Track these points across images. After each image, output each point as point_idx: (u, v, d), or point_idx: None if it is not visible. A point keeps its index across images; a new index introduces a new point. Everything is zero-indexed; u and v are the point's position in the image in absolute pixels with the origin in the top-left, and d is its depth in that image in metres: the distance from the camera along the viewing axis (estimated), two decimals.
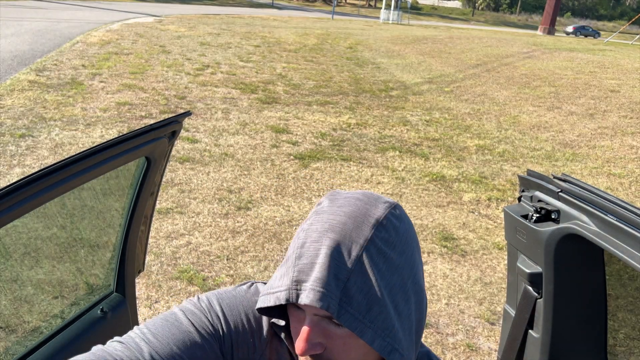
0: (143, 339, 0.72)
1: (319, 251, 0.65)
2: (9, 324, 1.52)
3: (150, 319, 0.77)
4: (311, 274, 0.65)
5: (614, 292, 1.63)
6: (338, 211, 0.69)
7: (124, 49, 10.39)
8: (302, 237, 0.68)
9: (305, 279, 0.65)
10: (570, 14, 59.78)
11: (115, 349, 0.70)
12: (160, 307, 2.94)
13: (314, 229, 0.68)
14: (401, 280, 0.68)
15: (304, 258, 0.66)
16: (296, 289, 0.65)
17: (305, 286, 0.64)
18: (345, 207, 0.69)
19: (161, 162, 1.60)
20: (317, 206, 0.73)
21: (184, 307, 0.79)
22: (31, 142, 5.11)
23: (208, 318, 0.77)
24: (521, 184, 1.70)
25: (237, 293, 0.82)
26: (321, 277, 0.64)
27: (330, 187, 4.87)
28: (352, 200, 0.71)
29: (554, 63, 12.93)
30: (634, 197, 5.38)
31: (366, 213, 0.69)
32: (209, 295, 0.81)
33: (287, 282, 0.66)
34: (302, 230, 0.70)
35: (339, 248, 0.65)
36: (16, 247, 1.44)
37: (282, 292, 0.66)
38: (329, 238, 0.66)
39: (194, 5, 27.09)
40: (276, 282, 0.69)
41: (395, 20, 28.79)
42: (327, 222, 0.68)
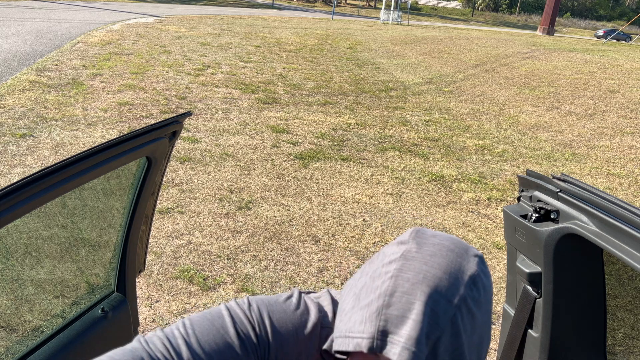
0: (185, 340, 0.70)
1: (412, 306, 0.62)
2: (10, 324, 1.52)
3: (196, 315, 0.74)
4: (402, 328, 0.62)
5: (613, 292, 1.64)
6: (431, 261, 0.65)
7: (124, 49, 10.39)
8: (389, 283, 0.64)
9: (393, 332, 0.62)
10: (569, 14, 59.79)
11: (156, 347, 0.68)
12: (161, 306, 2.94)
13: (406, 279, 0.64)
14: (479, 339, 0.67)
15: (393, 309, 0.63)
16: (381, 339, 0.62)
17: (393, 339, 0.62)
18: (438, 257, 0.66)
19: (162, 162, 1.60)
20: (402, 245, 0.68)
21: (233, 311, 0.75)
22: (32, 142, 5.11)
23: (256, 330, 0.73)
24: (520, 184, 1.71)
25: (287, 307, 0.78)
26: (415, 335, 0.61)
27: (330, 187, 4.88)
28: (444, 250, 0.67)
29: (554, 63, 12.93)
30: (633, 196, 5.38)
31: (460, 269, 0.66)
32: (259, 303, 0.77)
33: (371, 330, 0.63)
34: (387, 273, 0.66)
35: (434, 306, 0.63)
36: (17, 246, 1.45)
37: (365, 340, 0.63)
38: (424, 293, 0.63)
39: (194, 6, 27.10)
40: (356, 327, 0.65)
41: (395, 20, 28.80)
42: (420, 273, 0.64)
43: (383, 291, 0.64)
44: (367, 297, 0.66)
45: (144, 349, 0.68)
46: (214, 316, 0.73)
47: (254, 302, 0.77)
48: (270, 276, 3.35)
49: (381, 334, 0.63)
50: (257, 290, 3.19)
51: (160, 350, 0.68)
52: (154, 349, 0.68)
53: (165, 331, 0.71)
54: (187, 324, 0.72)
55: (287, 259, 3.58)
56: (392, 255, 0.68)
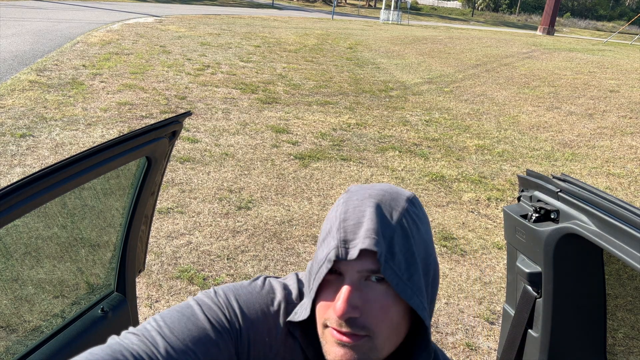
0: (159, 332, 0.71)
1: (364, 212, 0.69)
2: (10, 323, 1.52)
3: (165, 310, 0.76)
4: (359, 230, 0.68)
5: (613, 292, 1.64)
6: (371, 189, 0.73)
7: (124, 49, 10.39)
8: (341, 208, 0.71)
9: (353, 237, 0.68)
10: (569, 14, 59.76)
11: (132, 342, 0.69)
12: (161, 306, 2.94)
13: (354, 199, 0.71)
14: (425, 252, 0.73)
15: (349, 221, 0.69)
16: (344, 247, 0.68)
17: (355, 239, 0.68)
18: (377, 189, 0.74)
19: (162, 162, 1.60)
20: (344, 194, 0.76)
21: (201, 300, 0.77)
22: (32, 142, 5.11)
23: (225, 314, 0.76)
24: (520, 184, 1.71)
25: (252, 289, 0.81)
26: (372, 227, 0.68)
27: (330, 187, 4.88)
28: (380, 185, 0.76)
29: (554, 63, 12.93)
30: (633, 196, 5.38)
31: (398, 192, 0.74)
32: (225, 289, 0.80)
33: (334, 243, 0.68)
34: (337, 206, 0.72)
35: (383, 210, 0.70)
36: (17, 246, 1.45)
37: (332, 251, 0.68)
38: (372, 202, 0.71)
39: (194, 6, 27.08)
40: (320, 254, 0.70)
41: (395, 20, 28.78)
42: (365, 193, 0.72)
43: (338, 215, 0.71)
44: (324, 231, 0.73)
45: (120, 344, 0.69)
46: (183, 307, 0.76)
47: (219, 289, 0.80)
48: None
49: (343, 242, 0.68)
50: None
51: (136, 344, 0.69)
52: (130, 343, 0.69)
53: (137, 328, 0.73)
54: (158, 318, 0.74)
55: (287, 259, 3.58)
56: (339, 199, 0.76)
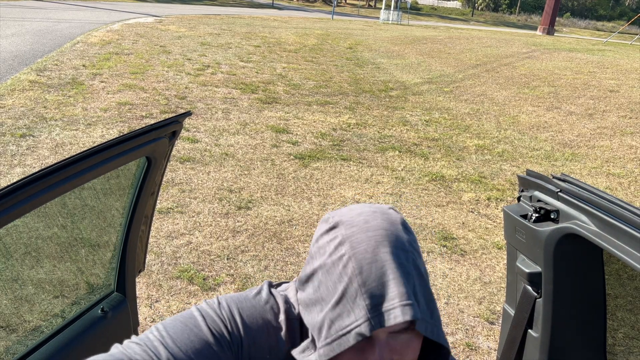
0: (162, 342, 0.70)
1: (384, 269, 0.64)
2: (10, 323, 1.52)
3: (168, 319, 0.75)
4: (388, 292, 0.63)
5: (613, 292, 1.64)
6: (368, 227, 0.68)
7: (124, 49, 10.39)
8: (351, 265, 0.65)
9: (382, 301, 0.63)
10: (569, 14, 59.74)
11: (134, 351, 0.69)
12: (161, 306, 2.94)
13: (362, 251, 0.66)
14: (427, 275, 0.71)
15: (370, 282, 0.64)
16: (377, 314, 0.63)
17: (387, 306, 0.63)
18: (370, 221, 0.69)
19: (162, 162, 1.60)
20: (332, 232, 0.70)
21: (204, 311, 0.76)
22: (32, 142, 5.11)
23: (227, 328, 0.74)
24: (520, 184, 1.71)
25: (256, 303, 0.79)
26: (403, 290, 0.63)
27: (330, 187, 4.88)
28: (367, 213, 0.70)
29: (553, 63, 12.93)
30: (633, 196, 5.38)
31: (391, 220, 0.70)
32: (228, 301, 0.78)
33: (363, 312, 0.63)
34: (340, 259, 0.66)
35: (398, 259, 0.66)
36: (17, 246, 1.45)
37: (363, 324, 0.63)
38: (385, 253, 0.65)
39: (194, 6, 27.08)
40: (344, 322, 0.65)
41: (395, 20, 28.77)
42: (369, 240, 0.67)
43: (350, 274, 0.65)
44: (335, 290, 0.66)
45: (123, 353, 0.68)
46: (186, 318, 0.75)
47: (223, 300, 0.78)
48: (270, 276, 3.35)
49: (373, 310, 0.63)
50: None
51: (139, 353, 0.68)
52: (132, 352, 0.69)
53: (140, 337, 0.72)
54: (160, 327, 0.73)
55: (287, 259, 3.58)
56: (331, 243, 0.69)
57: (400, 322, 0.63)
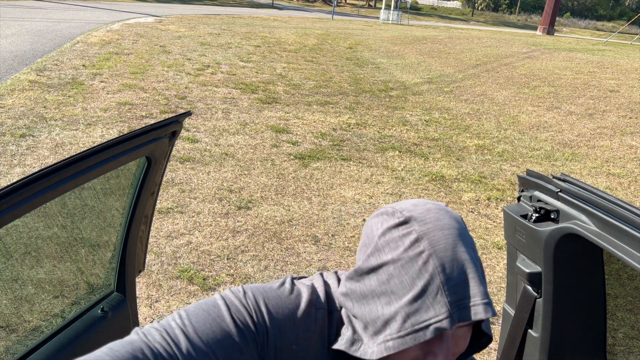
0: (183, 331, 0.70)
1: (464, 267, 0.68)
2: (10, 323, 1.52)
3: (191, 306, 0.74)
4: (468, 290, 0.67)
5: (613, 292, 1.64)
6: (441, 224, 0.71)
7: (124, 49, 10.39)
8: (433, 261, 0.67)
9: (463, 297, 0.67)
10: (569, 14, 59.73)
11: (154, 338, 0.68)
12: (161, 306, 2.94)
13: (443, 249, 0.68)
14: None
15: (452, 279, 0.67)
16: (458, 310, 0.66)
17: (468, 303, 0.66)
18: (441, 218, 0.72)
19: (162, 162, 1.60)
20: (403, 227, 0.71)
21: (229, 300, 0.75)
22: (32, 141, 5.11)
23: (253, 317, 0.73)
24: (520, 184, 1.71)
25: (281, 293, 0.78)
26: (483, 289, 0.67)
27: (330, 187, 4.88)
28: (434, 209, 0.73)
29: (553, 63, 12.93)
30: (633, 196, 5.38)
31: (455, 217, 0.74)
32: (254, 291, 0.77)
33: (445, 308, 0.66)
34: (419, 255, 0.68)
35: (473, 257, 0.69)
36: (17, 246, 1.45)
37: (445, 320, 0.65)
38: (463, 252, 0.69)
39: (194, 6, 27.08)
40: (422, 316, 0.67)
41: (395, 20, 28.77)
42: (447, 237, 0.69)
43: (432, 271, 0.67)
44: (412, 285, 0.68)
45: (142, 340, 0.68)
46: (210, 306, 0.74)
47: (248, 289, 0.77)
48: (270, 276, 3.35)
49: (454, 306, 0.66)
50: None
51: (158, 341, 0.68)
52: (152, 340, 0.68)
53: (161, 323, 0.72)
54: (183, 315, 0.72)
55: (287, 259, 3.58)
56: (404, 239, 0.70)
57: (481, 319, 0.66)
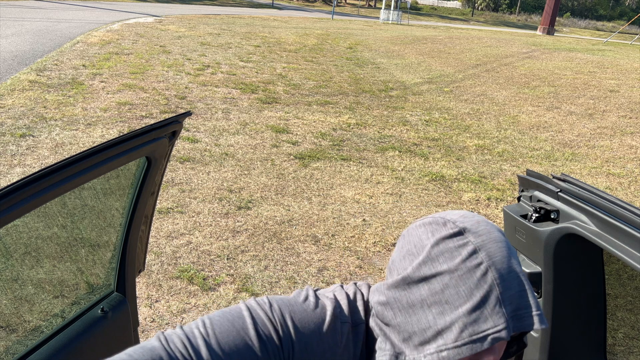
0: (205, 340, 0.69)
1: (518, 280, 0.70)
2: (10, 323, 1.52)
3: (217, 313, 0.74)
4: (524, 301, 0.69)
5: (613, 292, 1.64)
6: (493, 237, 0.73)
7: (124, 49, 10.39)
8: (491, 273, 0.69)
9: (519, 308, 0.69)
10: (569, 14, 59.73)
11: (176, 346, 0.68)
12: (161, 306, 2.94)
13: (499, 261, 0.70)
14: None
15: (509, 290, 0.68)
16: (514, 320, 0.68)
17: (524, 314, 0.69)
18: (491, 231, 0.74)
19: (162, 162, 1.60)
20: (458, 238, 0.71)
21: (254, 312, 0.74)
22: (32, 141, 5.11)
23: (278, 332, 0.73)
24: (520, 184, 1.71)
25: (307, 308, 0.78)
26: (535, 301, 0.70)
27: (330, 187, 4.88)
28: (484, 222, 0.75)
29: (554, 63, 12.93)
30: (633, 196, 5.38)
31: (500, 230, 0.76)
32: (280, 304, 0.76)
33: (503, 318, 0.67)
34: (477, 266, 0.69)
35: (523, 271, 0.73)
36: (17, 246, 1.45)
37: (503, 331, 0.67)
38: (517, 264, 0.71)
39: (194, 6, 27.08)
40: (481, 326, 0.67)
41: (395, 20, 28.77)
42: (502, 250, 0.71)
43: (491, 282, 0.68)
44: (470, 296, 0.68)
45: (163, 347, 0.68)
46: (234, 316, 0.73)
47: (274, 302, 0.77)
48: (270, 276, 3.35)
49: (512, 317, 0.68)
50: (257, 290, 3.19)
51: (179, 350, 0.68)
52: (173, 348, 0.68)
53: (185, 329, 0.71)
54: (207, 323, 0.72)
55: (287, 259, 3.58)
56: (461, 250, 0.71)
57: (537, 330, 0.70)
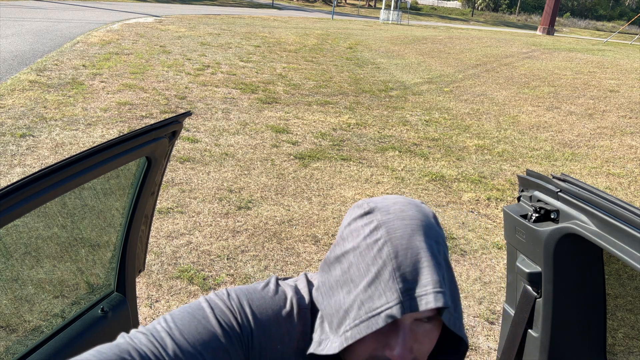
0: (169, 333, 0.70)
1: (419, 256, 0.66)
2: (10, 323, 1.52)
3: (176, 310, 0.75)
4: (421, 278, 0.65)
5: (613, 292, 1.64)
6: (404, 215, 0.70)
7: (124, 49, 10.39)
8: (387, 248, 0.67)
9: (415, 285, 0.65)
10: (569, 14, 59.75)
11: (140, 341, 0.69)
12: (161, 306, 2.94)
13: (399, 237, 0.67)
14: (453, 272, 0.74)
15: (404, 267, 0.66)
16: (409, 298, 0.64)
17: (420, 292, 0.65)
18: (406, 210, 0.71)
19: (162, 162, 1.60)
20: (366, 217, 0.71)
21: (213, 302, 0.76)
22: (32, 141, 5.11)
23: (237, 319, 0.74)
24: (520, 184, 1.71)
25: (265, 294, 0.79)
26: (436, 278, 0.65)
27: (330, 187, 4.88)
28: (402, 203, 0.72)
29: (553, 63, 12.93)
30: (633, 196, 5.38)
31: (424, 213, 0.72)
32: (238, 293, 0.78)
33: (395, 295, 0.65)
34: (376, 242, 0.68)
35: (431, 249, 0.67)
36: (17, 246, 1.45)
37: (395, 306, 0.64)
38: (421, 241, 0.67)
39: (194, 6, 27.08)
40: (375, 303, 0.66)
41: (394, 20, 28.77)
42: (405, 227, 0.68)
43: (385, 257, 0.66)
44: (367, 272, 0.67)
45: (129, 343, 0.68)
46: (194, 309, 0.74)
47: (232, 291, 0.78)
48: (270, 276, 3.35)
49: (406, 293, 0.65)
50: None
51: (145, 344, 0.68)
52: (138, 342, 0.69)
53: (147, 327, 0.72)
54: (169, 318, 0.73)
55: (287, 259, 3.58)
56: (365, 227, 0.70)
57: (431, 308, 0.64)
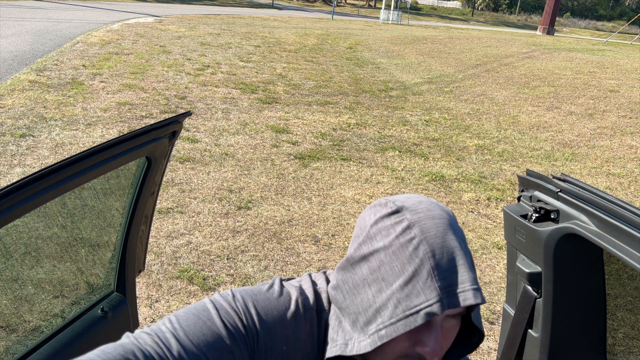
0: (174, 334, 0.70)
1: (454, 254, 0.68)
2: (10, 323, 1.52)
3: (181, 310, 0.75)
4: (458, 276, 0.67)
5: (613, 292, 1.64)
6: (433, 214, 0.72)
7: (124, 49, 10.39)
8: (423, 247, 0.68)
9: (454, 283, 0.66)
10: (569, 14, 59.75)
11: (145, 342, 0.69)
12: (161, 306, 2.94)
13: (433, 236, 0.69)
14: None
15: (442, 265, 0.67)
16: (448, 295, 0.66)
17: (459, 289, 0.66)
18: (432, 209, 0.73)
19: (161, 162, 1.60)
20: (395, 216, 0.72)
21: (218, 303, 0.75)
22: (32, 141, 5.11)
23: (242, 320, 0.74)
24: (520, 184, 1.71)
25: (270, 296, 0.79)
26: (473, 276, 0.67)
27: (330, 187, 4.88)
28: (426, 202, 0.75)
29: (553, 63, 12.92)
30: (633, 196, 5.38)
31: (447, 211, 0.74)
32: (243, 294, 0.78)
33: (435, 292, 0.66)
34: (410, 241, 0.68)
35: (463, 246, 0.70)
36: (17, 246, 1.45)
37: (435, 304, 0.65)
38: (453, 239, 0.69)
39: (194, 6, 27.07)
40: (413, 301, 0.66)
41: (395, 20, 28.77)
42: (438, 226, 0.70)
43: (422, 256, 0.67)
44: (403, 271, 0.68)
45: (133, 343, 0.68)
46: (199, 310, 0.74)
47: (237, 292, 0.78)
48: (270, 276, 3.35)
49: (445, 291, 0.66)
50: None
51: (149, 344, 0.68)
52: (143, 343, 0.69)
53: (152, 328, 0.72)
54: (173, 319, 0.73)
55: (287, 259, 3.58)
56: (396, 226, 0.71)
57: (470, 305, 0.66)
